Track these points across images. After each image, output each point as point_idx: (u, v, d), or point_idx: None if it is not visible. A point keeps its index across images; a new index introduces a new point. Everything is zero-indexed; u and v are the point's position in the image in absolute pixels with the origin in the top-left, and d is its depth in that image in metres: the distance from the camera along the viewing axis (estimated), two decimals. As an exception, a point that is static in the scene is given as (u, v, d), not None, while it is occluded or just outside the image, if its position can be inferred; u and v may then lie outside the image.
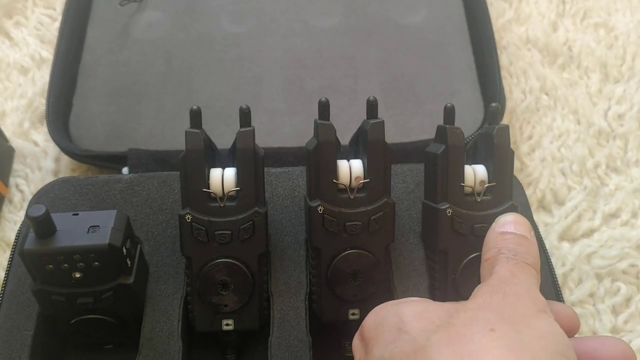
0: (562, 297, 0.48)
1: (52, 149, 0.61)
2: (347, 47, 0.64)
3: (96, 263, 0.40)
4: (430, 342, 0.30)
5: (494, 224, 0.40)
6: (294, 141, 0.57)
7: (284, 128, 0.59)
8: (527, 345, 0.29)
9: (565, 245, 0.56)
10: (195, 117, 0.42)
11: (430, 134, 0.57)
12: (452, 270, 0.44)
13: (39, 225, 0.39)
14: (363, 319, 0.45)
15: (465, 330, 0.30)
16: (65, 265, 0.40)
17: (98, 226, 0.40)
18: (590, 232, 0.57)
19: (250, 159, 0.42)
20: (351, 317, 0.45)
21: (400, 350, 0.31)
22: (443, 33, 0.65)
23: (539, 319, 0.31)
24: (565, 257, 0.55)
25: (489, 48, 0.62)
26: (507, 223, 0.40)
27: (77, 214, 0.41)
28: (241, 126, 0.43)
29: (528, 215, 0.49)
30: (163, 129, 0.59)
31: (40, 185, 0.59)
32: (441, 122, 0.58)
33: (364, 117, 0.45)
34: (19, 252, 0.39)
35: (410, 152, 0.56)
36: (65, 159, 0.61)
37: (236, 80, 0.62)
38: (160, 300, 0.45)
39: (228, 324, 0.44)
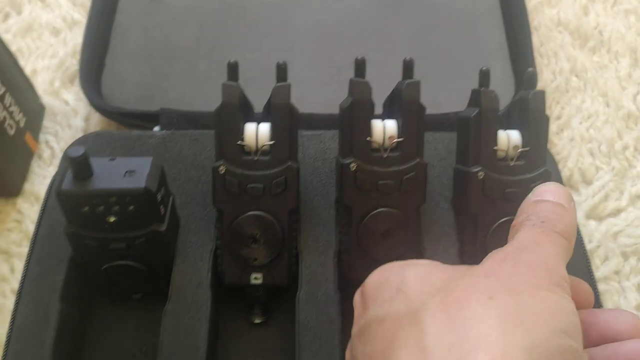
0: (592, 272, 0.48)
1: (82, 108, 0.62)
2: (377, 21, 0.64)
3: (131, 207, 0.40)
4: (425, 306, 0.29)
5: (530, 193, 0.37)
6: (324, 109, 0.57)
7: (314, 97, 0.59)
8: (524, 317, 0.27)
9: (592, 223, 0.56)
10: (233, 70, 0.43)
11: (460, 107, 0.57)
12: (482, 235, 0.44)
13: (78, 166, 0.39)
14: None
15: (463, 296, 0.29)
16: (101, 208, 0.40)
17: (134, 171, 0.40)
18: (617, 212, 0.57)
19: (286, 114, 0.43)
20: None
21: (395, 311, 0.30)
22: (474, 10, 0.65)
23: (549, 292, 0.29)
24: (591, 234, 0.55)
25: (521, 26, 0.62)
26: (545, 192, 0.36)
27: (113, 159, 0.41)
28: (278, 81, 0.43)
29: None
30: (194, 92, 0.59)
31: (69, 142, 0.59)
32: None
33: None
34: (56, 192, 0.39)
35: (441, 123, 0.55)
36: (95, 118, 0.61)
37: (267, 48, 0.63)
38: (190, 252, 0.45)
39: (257, 278, 0.45)
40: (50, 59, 0.65)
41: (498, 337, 0.26)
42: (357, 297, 0.35)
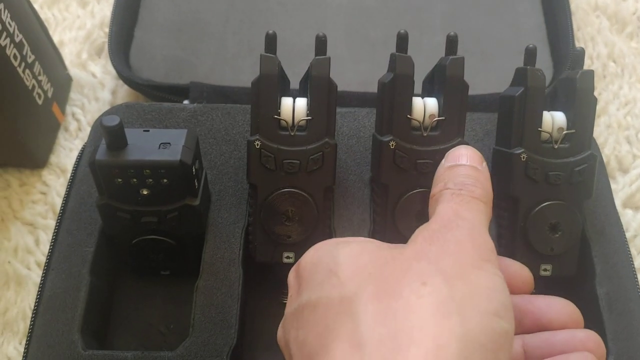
0: (632, 262, 0.47)
1: (110, 81, 0.61)
2: (412, -2, 0.63)
3: (165, 180, 0.39)
4: (358, 293, 0.28)
5: (443, 159, 0.38)
6: (357, 87, 0.56)
7: (347, 74, 0.58)
8: (458, 302, 0.27)
9: (629, 212, 0.54)
10: (271, 41, 0.41)
11: (497, 89, 0.56)
12: (522, 218, 0.43)
13: (112, 135, 0.38)
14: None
15: (396, 283, 0.28)
16: (135, 180, 0.39)
17: (169, 143, 0.39)
18: (654, 202, 0.55)
19: (325, 88, 0.41)
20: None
21: (327, 296, 0.29)
22: (513, -10, 0.63)
23: (479, 271, 0.29)
24: (628, 223, 0.53)
25: (561, 8, 0.60)
26: (458, 156, 0.37)
27: (147, 130, 0.40)
28: (316, 54, 0.42)
29: (602, 172, 0.48)
30: (224, 67, 0.58)
31: (96, 115, 0.59)
32: (508, 79, 0.57)
33: (428, 69, 0.44)
34: (89, 162, 0.39)
35: (477, 104, 0.54)
36: (122, 92, 0.60)
37: (299, 25, 0.61)
38: (222, 228, 0.44)
39: (289, 257, 0.44)
40: (78, 31, 0.64)
41: (431, 327, 0.26)
42: (291, 277, 0.34)
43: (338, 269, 0.30)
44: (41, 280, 0.43)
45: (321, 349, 0.28)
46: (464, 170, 0.35)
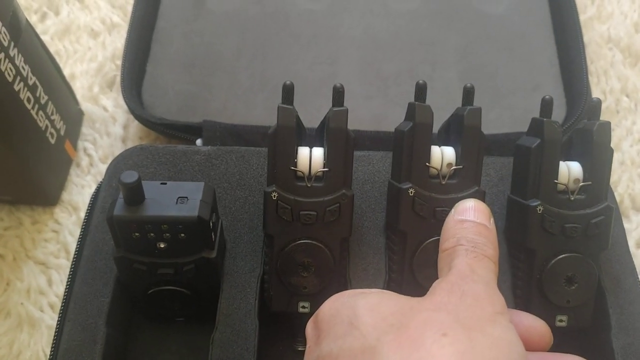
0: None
1: (121, 115, 0.61)
2: (425, 32, 0.63)
3: (182, 235, 0.39)
4: (380, 343, 0.29)
5: (452, 210, 0.39)
6: (369, 125, 0.56)
7: (360, 111, 0.57)
8: (477, 354, 0.28)
9: (643, 252, 0.54)
10: (288, 92, 0.41)
11: (510, 127, 0.56)
12: (538, 270, 0.43)
13: (131, 192, 0.38)
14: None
15: (417, 333, 0.29)
16: (152, 234, 0.39)
17: (186, 197, 0.39)
18: (668, 241, 0.55)
19: (342, 140, 0.41)
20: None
21: (349, 347, 0.30)
22: (525, 24, 0.63)
23: (495, 323, 0.30)
24: (642, 264, 0.53)
25: (574, 42, 0.60)
26: (467, 210, 0.38)
27: (165, 183, 0.40)
28: (334, 105, 0.42)
29: (618, 219, 0.48)
30: (236, 103, 0.58)
31: (108, 151, 0.59)
32: (522, 117, 0.57)
33: (441, 105, 0.44)
34: (107, 217, 0.39)
35: (490, 144, 0.54)
36: (134, 127, 0.60)
37: (311, 59, 0.61)
38: (238, 277, 0.44)
39: (304, 307, 0.43)
40: (89, 63, 0.63)
41: None
42: (309, 328, 0.35)
43: (358, 321, 0.31)
44: (56, 330, 0.43)
45: None
46: (475, 228, 0.37)
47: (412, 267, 0.43)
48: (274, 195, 0.41)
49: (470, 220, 0.38)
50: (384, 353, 0.28)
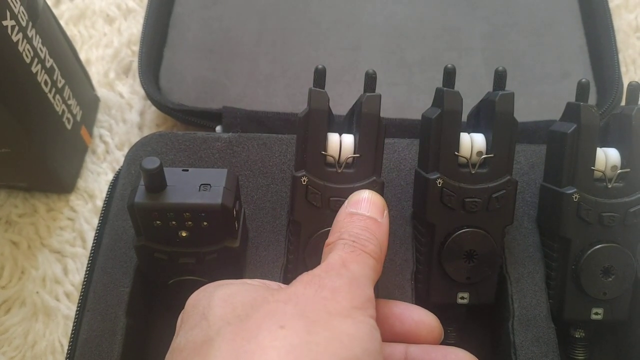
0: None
1: (137, 101, 0.59)
2: (451, 18, 0.61)
3: (205, 223, 0.38)
4: (218, 335, 0.28)
5: (345, 201, 0.37)
6: (394, 113, 0.54)
7: (384, 98, 0.55)
8: (312, 347, 0.26)
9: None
10: (320, 76, 0.40)
11: (539, 115, 0.54)
12: (573, 261, 0.41)
13: (152, 178, 0.37)
14: (471, 304, 0.43)
15: (256, 325, 0.27)
16: (174, 222, 0.38)
17: (209, 185, 0.38)
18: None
19: (374, 126, 0.40)
20: (460, 301, 0.42)
21: (193, 340, 0.29)
22: (553, 10, 0.61)
23: (346, 318, 0.28)
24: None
25: (605, 29, 0.58)
26: (360, 202, 0.36)
27: (186, 170, 0.39)
28: (366, 91, 0.40)
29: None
30: (256, 90, 0.57)
31: (124, 138, 0.57)
32: (550, 105, 0.56)
33: (467, 92, 0.42)
34: (128, 205, 0.37)
35: (519, 133, 0.52)
36: (150, 114, 0.59)
37: (332, 45, 0.59)
38: (261, 267, 0.43)
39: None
40: (105, 49, 0.62)
41: None
42: (178, 320, 0.33)
43: (209, 312, 0.29)
44: (75, 320, 0.42)
45: None
46: (362, 221, 0.35)
47: (440, 259, 0.42)
48: (304, 180, 0.40)
49: (360, 214, 0.35)
50: (217, 345, 0.27)
